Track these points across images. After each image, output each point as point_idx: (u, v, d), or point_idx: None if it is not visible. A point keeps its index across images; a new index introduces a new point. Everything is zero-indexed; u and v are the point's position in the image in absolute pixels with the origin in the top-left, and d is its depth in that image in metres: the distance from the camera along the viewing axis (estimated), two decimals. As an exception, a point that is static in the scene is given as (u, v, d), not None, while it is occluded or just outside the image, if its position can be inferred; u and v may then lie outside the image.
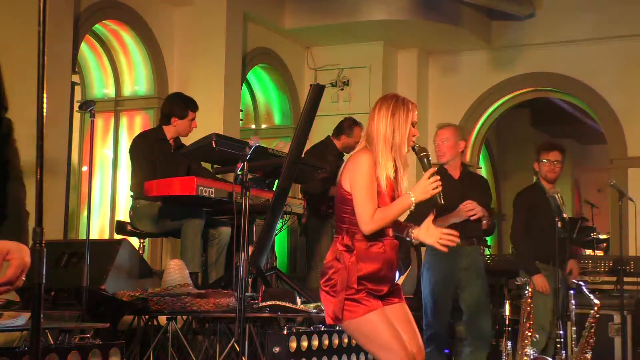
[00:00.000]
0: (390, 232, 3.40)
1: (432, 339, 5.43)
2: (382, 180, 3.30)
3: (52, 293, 4.91)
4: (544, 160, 5.93)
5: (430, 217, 3.39)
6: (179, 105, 5.97)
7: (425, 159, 3.37)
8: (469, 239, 5.35)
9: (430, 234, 3.35)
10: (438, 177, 3.27)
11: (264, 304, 4.90)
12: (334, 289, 3.27)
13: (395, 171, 3.37)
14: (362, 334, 3.28)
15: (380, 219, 3.25)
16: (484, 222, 5.41)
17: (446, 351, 7.20)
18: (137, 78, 7.86)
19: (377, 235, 3.31)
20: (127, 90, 7.88)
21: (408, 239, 3.51)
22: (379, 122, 3.36)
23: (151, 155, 5.84)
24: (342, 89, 9.11)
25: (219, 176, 6.13)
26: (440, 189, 3.27)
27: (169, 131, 5.97)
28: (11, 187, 2.11)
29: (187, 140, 6.08)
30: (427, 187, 3.25)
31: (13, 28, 6.02)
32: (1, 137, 2.14)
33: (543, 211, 5.80)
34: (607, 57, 8.89)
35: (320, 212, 7.24)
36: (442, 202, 3.35)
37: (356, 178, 3.28)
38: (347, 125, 7.51)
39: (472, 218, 5.32)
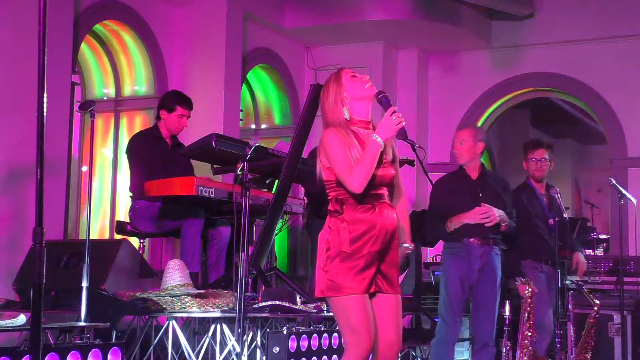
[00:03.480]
0: (386, 197, 3.38)
1: (441, 332, 5.37)
2: (356, 144, 3.31)
3: (52, 293, 4.91)
4: (531, 159, 5.90)
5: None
6: (169, 99, 6.00)
7: (383, 100, 3.35)
8: (484, 239, 5.29)
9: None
10: (400, 114, 3.26)
11: (264, 304, 4.90)
12: (328, 255, 3.27)
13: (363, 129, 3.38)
14: (337, 313, 3.31)
15: (358, 171, 3.24)
16: (503, 224, 5.35)
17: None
18: (137, 78, 7.86)
19: (368, 199, 3.30)
20: (127, 90, 7.88)
21: (402, 243, 3.48)
22: (327, 99, 3.38)
23: (148, 154, 5.84)
24: (342, 89, 9.09)
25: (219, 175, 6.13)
26: (403, 123, 3.25)
27: (162, 128, 5.97)
28: None
29: (187, 140, 6.08)
30: (390, 124, 3.24)
31: (13, 28, 6.02)
32: None
33: (532, 210, 5.78)
34: (607, 57, 8.88)
35: (322, 212, 7.22)
36: (409, 138, 3.33)
37: (328, 152, 3.31)
38: None
39: (486, 225, 5.28)
